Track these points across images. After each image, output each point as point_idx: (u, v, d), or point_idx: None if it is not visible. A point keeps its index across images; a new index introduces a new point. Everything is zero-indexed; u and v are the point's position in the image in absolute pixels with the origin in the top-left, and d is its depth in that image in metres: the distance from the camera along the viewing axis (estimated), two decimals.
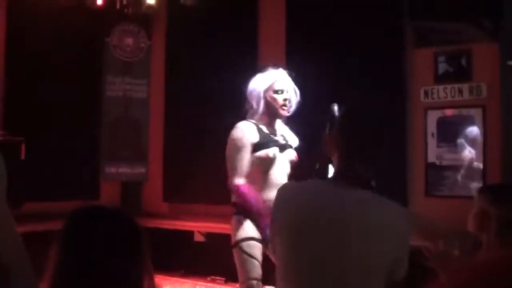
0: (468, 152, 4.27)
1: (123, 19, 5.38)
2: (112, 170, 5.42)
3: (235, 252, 3.10)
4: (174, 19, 5.59)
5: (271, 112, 3.19)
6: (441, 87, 4.40)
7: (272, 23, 5.18)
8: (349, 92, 4.43)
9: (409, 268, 1.69)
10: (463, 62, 4.32)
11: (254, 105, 3.19)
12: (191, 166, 5.27)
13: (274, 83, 3.18)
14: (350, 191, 1.70)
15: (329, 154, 1.84)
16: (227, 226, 4.57)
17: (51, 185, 5.00)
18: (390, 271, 1.65)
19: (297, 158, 3.25)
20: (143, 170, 5.54)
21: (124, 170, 5.46)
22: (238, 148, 3.10)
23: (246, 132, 3.13)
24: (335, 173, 1.81)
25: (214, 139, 4.82)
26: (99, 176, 5.41)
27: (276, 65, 3.29)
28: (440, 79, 4.41)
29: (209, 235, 5.05)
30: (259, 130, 3.17)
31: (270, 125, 3.23)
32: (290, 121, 3.33)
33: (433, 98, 4.42)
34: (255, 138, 3.13)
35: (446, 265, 1.89)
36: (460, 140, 4.30)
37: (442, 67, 4.40)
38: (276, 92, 3.17)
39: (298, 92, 3.25)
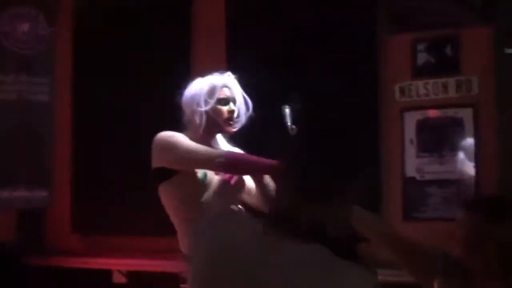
0: (457, 163, 4.22)
1: None
2: (5, 195, 5.13)
3: None
4: None
5: (211, 128, 3.05)
6: (420, 83, 4.35)
7: (210, 10, 5.07)
8: (306, 91, 4.31)
9: None
10: (448, 51, 4.29)
11: (195, 120, 3.03)
12: (108, 187, 5.13)
13: (218, 91, 3.03)
14: (285, 245, 1.43)
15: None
16: (154, 262, 4.66)
17: None
18: None
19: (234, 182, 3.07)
20: (45, 193, 5.28)
21: (20, 194, 5.19)
22: (176, 141, 2.97)
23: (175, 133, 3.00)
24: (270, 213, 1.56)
25: (136, 152, 4.78)
26: None
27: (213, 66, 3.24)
28: (419, 72, 4.36)
29: (131, 275, 4.93)
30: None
31: (206, 142, 3.05)
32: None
33: (411, 97, 4.36)
34: None
35: None
36: (446, 148, 4.25)
37: (422, 58, 4.36)
38: (220, 102, 3.02)
39: (250, 103, 3.11)
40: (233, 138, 3.20)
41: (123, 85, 5.15)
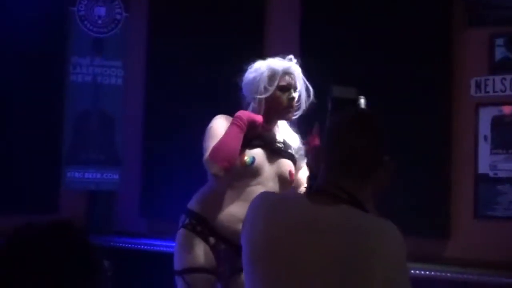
0: None
1: None
2: (77, 175, 5.25)
3: (177, 280, 2.99)
4: None
5: (270, 115, 3.00)
6: (498, 78, 4.27)
7: None
8: (379, 84, 4.30)
9: None
10: None
11: (252, 104, 3.00)
12: (177, 173, 5.12)
13: (279, 77, 2.96)
14: (329, 208, 1.71)
15: (315, 166, 1.87)
16: None
17: None
18: None
19: (292, 174, 3.03)
20: (115, 176, 5.38)
21: (92, 176, 5.29)
22: (214, 135, 2.95)
23: (226, 121, 2.99)
24: (311, 187, 1.81)
25: None
26: (59, 183, 5.25)
27: (285, 54, 3.09)
28: (497, 67, 4.28)
29: None
30: None
31: (267, 127, 3.03)
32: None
33: (487, 92, 4.29)
34: None
35: None
36: None
37: (500, 53, 4.27)
38: (280, 89, 2.96)
39: (311, 91, 3.04)
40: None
41: (196, 71, 5.15)
